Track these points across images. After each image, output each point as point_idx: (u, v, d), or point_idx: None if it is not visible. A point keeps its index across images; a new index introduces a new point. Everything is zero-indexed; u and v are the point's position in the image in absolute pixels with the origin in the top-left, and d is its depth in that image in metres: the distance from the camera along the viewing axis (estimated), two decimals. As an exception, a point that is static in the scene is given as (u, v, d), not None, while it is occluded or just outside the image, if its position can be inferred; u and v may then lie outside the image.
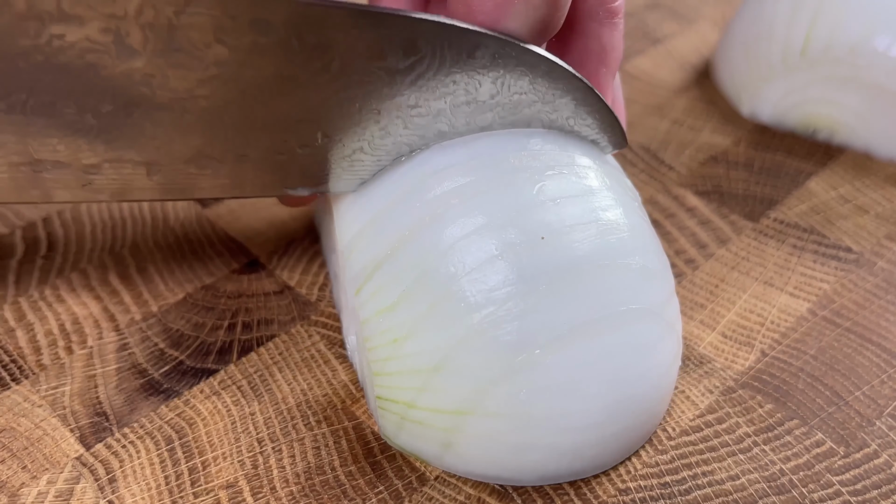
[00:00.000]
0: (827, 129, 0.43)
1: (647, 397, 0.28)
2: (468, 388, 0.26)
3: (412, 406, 0.27)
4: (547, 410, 0.26)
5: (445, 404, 0.27)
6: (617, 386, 0.27)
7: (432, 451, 0.28)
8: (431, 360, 0.26)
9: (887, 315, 0.34)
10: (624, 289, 0.27)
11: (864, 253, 0.37)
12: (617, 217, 0.28)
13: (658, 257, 0.29)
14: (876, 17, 0.40)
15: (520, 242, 0.26)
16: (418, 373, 0.27)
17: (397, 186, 0.28)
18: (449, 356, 0.26)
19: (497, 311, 0.26)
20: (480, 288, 0.26)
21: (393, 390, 0.27)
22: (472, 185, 0.27)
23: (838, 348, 0.33)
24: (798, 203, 0.40)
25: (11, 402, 0.30)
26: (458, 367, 0.26)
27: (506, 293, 0.26)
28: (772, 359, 0.33)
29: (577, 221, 0.27)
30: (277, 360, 0.32)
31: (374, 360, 0.28)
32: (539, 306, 0.26)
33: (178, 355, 0.32)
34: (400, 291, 0.27)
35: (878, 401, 0.31)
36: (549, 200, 0.27)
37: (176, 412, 0.30)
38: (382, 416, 0.28)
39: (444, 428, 0.27)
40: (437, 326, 0.26)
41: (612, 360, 0.27)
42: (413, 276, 0.27)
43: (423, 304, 0.27)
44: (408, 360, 0.27)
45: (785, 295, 0.35)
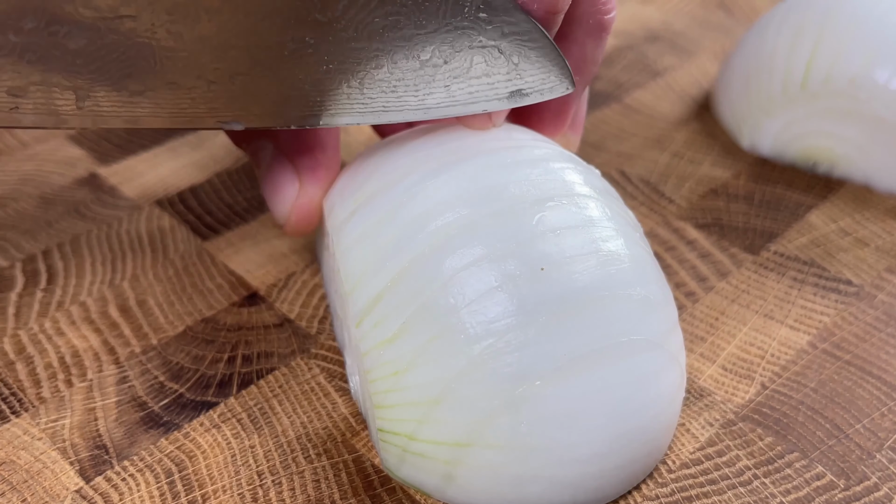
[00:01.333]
0: (827, 161, 0.44)
1: (649, 429, 0.28)
2: (469, 419, 0.27)
3: (413, 438, 0.27)
4: (548, 442, 0.26)
5: (446, 436, 0.27)
6: (619, 417, 0.27)
7: (434, 484, 0.28)
8: (432, 392, 0.27)
9: (887, 348, 0.35)
10: (625, 319, 0.27)
11: (865, 286, 0.38)
12: (618, 248, 0.28)
13: (660, 288, 0.29)
14: (876, 49, 0.41)
15: (520, 274, 0.27)
16: (419, 405, 0.27)
17: (400, 219, 0.29)
18: (449, 388, 0.27)
19: (497, 342, 0.26)
20: (480, 319, 0.26)
21: (394, 423, 0.28)
22: (472, 216, 0.28)
23: (838, 381, 0.33)
24: (798, 236, 0.40)
25: (11, 435, 0.31)
26: (458, 398, 0.26)
27: (505, 325, 0.26)
28: (772, 392, 0.33)
29: (578, 252, 0.28)
30: (277, 392, 0.33)
31: (375, 392, 0.28)
32: (539, 338, 0.26)
33: (177, 388, 0.33)
34: (400, 323, 0.27)
35: (879, 434, 0.31)
36: (548, 231, 0.28)
37: (176, 445, 0.31)
38: (384, 448, 0.29)
39: (446, 460, 0.27)
40: (437, 358, 0.27)
41: (614, 391, 0.27)
42: (413, 307, 0.27)
43: (423, 336, 0.27)
44: (408, 392, 0.27)
45: (785, 328, 0.36)
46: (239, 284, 0.37)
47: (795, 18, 0.44)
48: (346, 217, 0.31)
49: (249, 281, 0.37)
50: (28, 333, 0.35)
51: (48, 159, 0.44)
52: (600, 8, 0.33)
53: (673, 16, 0.59)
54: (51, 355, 0.34)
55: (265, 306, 0.36)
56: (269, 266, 0.38)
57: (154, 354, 0.34)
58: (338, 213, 0.31)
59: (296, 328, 0.35)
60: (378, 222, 0.29)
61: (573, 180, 0.30)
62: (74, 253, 0.38)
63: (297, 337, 0.35)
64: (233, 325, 0.35)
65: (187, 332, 0.35)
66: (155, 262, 0.38)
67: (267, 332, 0.35)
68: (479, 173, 0.29)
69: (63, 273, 0.37)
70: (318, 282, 0.37)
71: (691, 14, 0.60)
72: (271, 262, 0.38)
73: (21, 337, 0.35)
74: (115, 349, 0.34)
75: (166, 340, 0.35)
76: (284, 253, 0.39)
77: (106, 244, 0.39)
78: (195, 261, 0.38)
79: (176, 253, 0.39)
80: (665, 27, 0.58)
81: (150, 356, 0.34)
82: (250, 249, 0.39)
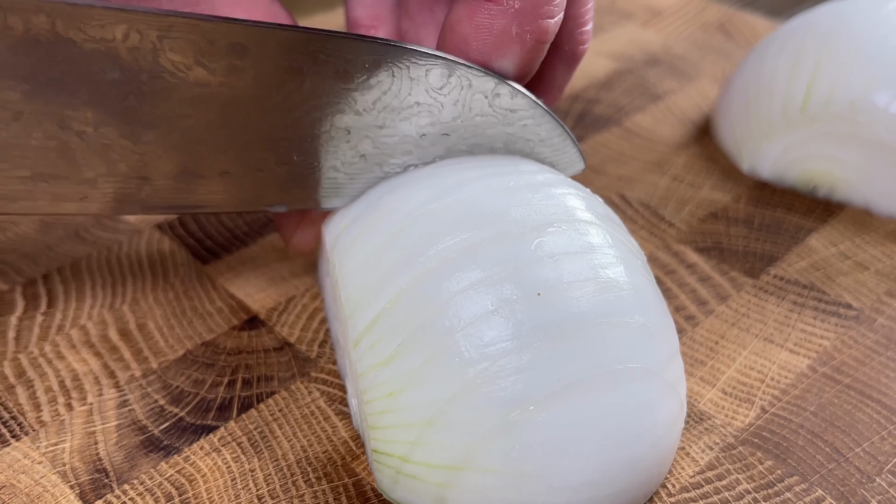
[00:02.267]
0: (827, 185, 0.44)
1: (644, 458, 0.28)
2: (462, 443, 0.27)
3: (406, 460, 0.28)
4: (540, 468, 0.27)
5: (439, 459, 0.27)
6: (613, 446, 0.27)
7: None
8: (425, 415, 0.27)
9: (887, 372, 0.35)
10: (622, 347, 0.27)
11: (865, 309, 0.38)
12: (617, 275, 0.28)
13: (660, 316, 0.29)
14: (876, 73, 0.41)
15: (517, 298, 0.27)
16: (413, 427, 0.27)
17: (400, 243, 0.29)
18: (443, 411, 0.27)
19: (491, 366, 0.26)
20: (475, 343, 0.27)
21: (388, 444, 0.28)
22: (471, 240, 0.28)
23: (838, 405, 0.34)
24: (798, 260, 0.41)
25: (11, 459, 0.31)
26: (451, 421, 0.27)
27: (501, 349, 0.26)
28: (772, 415, 0.33)
29: (576, 278, 0.28)
30: (277, 416, 0.33)
31: (370, 413, 0.28)
32: (534, 363, 0.26)
33: (178, 412, 0.33)
34: (396, 345, 0.28)
35: (879, 457, 0.32)
36: (547, 256, 0.28)
37: (176, 469, 0.31)
38: (379, 469, 0.29)
39: (438, 483, 0.27)
40: (432, 380, 0.27)
41: (609, 419, 0.27)
42: (409, 329, 0.28)
43: (419, 358, 0.27)
44: (403, 413, 0.27)
45: (785, 351, 0.36)
46: (239, 308, 0.38)
47: (795, 42, 0.45)
48: (348, 242, 0.31)
49: (249, 305, 0.38)
50: (28, 357, 0.35)
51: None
52: (577, 39, 0.35)
53: (673, 39, 0.60)
54: (51, 379, 0.34)
55: (265, 330, 0.37)
56: (270, 290, 0.39)
57: (154, 378, 0.34)
58: (340, 238, 0.32)
59: (296, 352, 0.36)
60: (379, 247, 0.30)
61: (574, 206, 0.30)
62: (74, 277, 0.39)
63: (297, 361, 0.35)
64: (233, 349, 0.36)
65: (187, 356, 0.35)
66: (155, 286, 0.39)
67: (267, 356, 0.35)
68: (480, 197, 0.30)
69: (63, 297, 0.38)
70: (318, 305, 0.38)
71: (691, 38, 0.60)
72: (271, 286, 0.39)
73: (21, 360, 0.35)
74: (116, 373, 0.34)
75: (166, 364, 0.35)
76: (284, 277, 0.39)
77: (106, 268, 0.39)
78: (195, 284, 0.39)
79: (176, 277, 0.39)
80: (665, 51, 0.59)
81: (151, 380, 0.34)
82: (250, 273, 0.39)
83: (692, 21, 0.63)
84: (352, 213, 0.32)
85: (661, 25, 0.62)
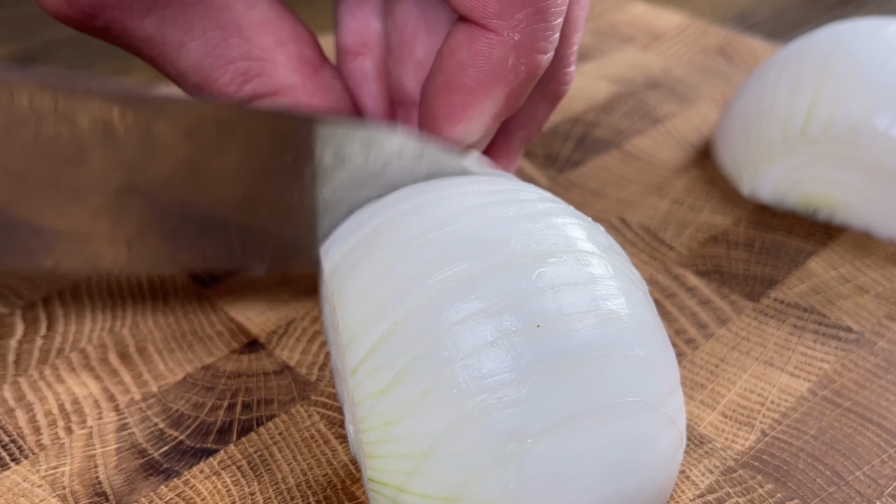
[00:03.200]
0: (827, 208, 0.45)
1: (643, 490, 0.28)
2: (458, 475, 0.27)
3: (402, 490, 0.28)
4: (537, 501, 0.26)
5: (435, 490, 0.27)
6: (610, 479, 0.27)
7: None
8: (422, 445, 0.27)
9: (888, 395, 0.35)
10: (622, 380, 0.27)
11: (865, 333, 0.38)
12: (618, 306, 0.28)
13: (661, 349, 0.29)
14: (876, 96, 0.42)
15: (516, 330, 0.27)
16: (409, 457, 0.27)
17: (399, 272, 0.29)
18: (439, 442, 0.27)
19: (489, 398, 0.26)
20: (474, 374, 0.27)
21: (384, 473, 0.28)
22: (471, 270, 0.28)
23: (839, 428, 0.34)
24: (798, 283, 0.41)
25: (11, 483, 0.31)
26: (448, 453, 0.27)
27: (499, 381, 0.26)
28: (772, 438, 0.34)
29: (576, 310, 0.28)
30: (277, 439, 0.33)
31: (366, 442, 0.28)
32: (532, 395, 0.26)
33: (177, 435, 0.33)
34: (394, 374, 0.28)
35: (879, 481, 0.32)
36: (547, 288, 0.28)
37: (176, 492, 0.31)
38: (374, 499, 0.29)
39: None
40: (429, 411, 0.27)
41: (606, 452, 0.27)
42: (407, 359, 0.28)
43: (416, 388, 0.27)
44: (399, 443, 0.27)
45: (785, 375, 0.36)
46: (239, 331, 0.38)
47: (795, 65, 0.45)
48: (346, 270, 0.31)
49: (249, 328, 0.38)
50: (28, 380, 0.35)
51: (48, 206, 0.45)
52: (561, 78, 0.37)
53: (673, 63, 0.61)
54: (50, 402, 0.34)
55: (265, 353, 0.37)
56: (270, 313, 0.39)
57: (154, 401, 0.35)
58: (338, 266, 0.32)
59: (296, 375, 0.36)
60: (378, 275, 0.30)
61: (576, 236, 0.30)
62: (74, 300, 0.39)
63: (297, 384, 0.36)
64: (233, 373, 0.36)
65: (187, 380, 0.36)
66: (155, 309, 0.39)
67: (267, 379, 0.36)
68: (480, 227, 0.30)
69: (63, 320, 0.38)
70: (318, 329, 0.38)
71: (691, 61, 0.61)
72: (271, 310, 0.39)
73: (21, 384, 0.35)
74: (115, 396, 0.35)
75: (166, 387, 0.35)
76: (285, 300, 0.40)
77: (106, 291, 0.40)
78: (195, 308, 0.39)
79: (176, 300, 0.39)
80: (665, 74, 0.59)
81: (150, 403, 0.35)
82: (251, 296, 0.40)
83: (692, 44, 0.64)
84: (351, 241, 0.32)
85: (662, 49, 0.63)
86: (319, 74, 0.35)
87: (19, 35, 0.60)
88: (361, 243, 0.32)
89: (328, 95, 0.35)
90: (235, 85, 0.34)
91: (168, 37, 0.32)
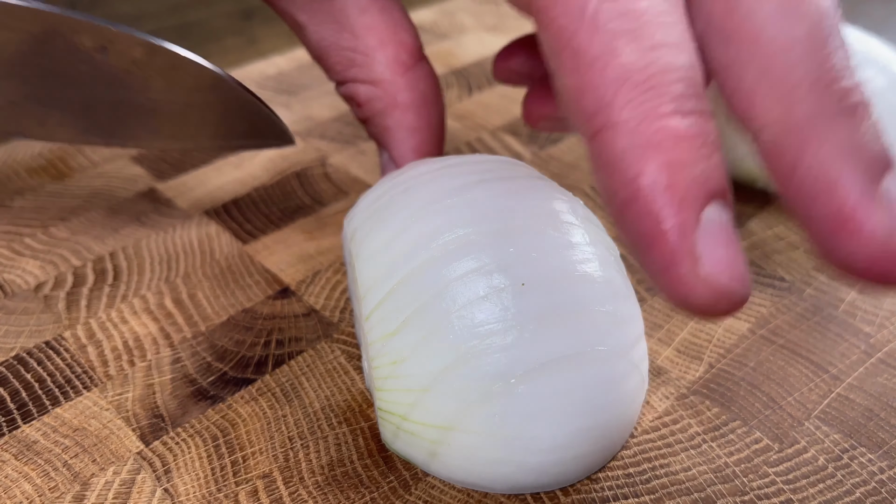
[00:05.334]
0: (764, 178, 0.44)
1: (608, 426, 0.28)
2: (451, 408, 0.26)
3: (405, 419, 0.27)
4: (518, 432, 0.26)
5: (432, 420, 0.27)
6: (581, 416, 0.27)
7: (421, 459, 0.28)
8: (422, 382, 0.27)
9: (814, 334, 0.35)
10: (593, 332, 0.27)
11: (795, 282, 0.38)
12: (592, 270, 0.28)
13: (628, 307, 0.29)
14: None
15: (504, 287, 0.26)
16: (411, 391, 0.27)
17: (408, 236, 0.29)
18: (437, 379, 0.26)
19: (479, 344, 0.26)
20: (467, 324, 0.26)
21: (390, 404, 0.28)
22: (470, 235, 0.28)
23: (773, 361, 0.33)
24: (741, 240, 0.40)
25: (83, 407, 0.31)
26: (444, 389, 0.26)
27: (488, 329, 0.26)
28: (718, 370, 0.33)
29: (556, 272, 0.27)
30: (305, 371, 0.33)
31: (377, 377, 0.28)
32: (516, 343, 0.26)
33: (222, 367, 0.33)
34: (400, 321, 0.27)
35: (807, 405, 0.32)
36: (533, 252, 0.27)
37: (220, 415, 0.31)
38: (382, 424, 0.29)
39: (431, 440, 0.27)
40: (429, 353, 0.27)
41: (578, 393, 0.26)
42: (412, 308, 0.27)
43: (419, 334, 0.27)
44: (403, 380, 0.27)
45: (729, 317, 0.36)
46: (273, 281, 0.37)
47: None
48: (363, 234, 0.30)
49: (282, 278, 0.37)
50: (97, 322, 0.35)
51: (115, 176, 0.44)
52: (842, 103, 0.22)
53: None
54: (116, 340, 0.34)
55: (295, 299, 0.36)
56: (299, 265, 0.38)
57: (202, 339, 0.34)
58: (357, 230, 0.31)
59: (321, 317, 0.35)
60: (390, 238, 0.29)
61: (560, 209, 0.29)
62: (136, 254, 0.39)
63: (321, 324, 0.35)
64: (268, 315, 0.35)
65: (230, 321, 0.35)
66: (203, 263, 0.38)
67: (297, 321, 0.35)
68: (480, 200, 0.29)
69: (126, 271, 0.38)
70: (340, 278, 0.37)
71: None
72: (301, 262, 0.38)
73: (91, 325, 0.35)
74: (170, 335, 0.34)
75: (213, 327, 0.35)
76: (311, 255, 0.39)
77: (163, 247, 0.39)
78: (237, 261, 0.38)
79: (221, 254, 0.39)
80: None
81: (199, 340, 0.34)
82: (283, 251, 0.39)
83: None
84: (369, 210, 0.32)
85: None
86: (409, 74, 0.35)
87: None
88: (378, 211, 0.31)
89: (410, 93, 0.35)
90: (342, 66, 0.35)
91: (296, 16, 0.34)
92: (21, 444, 0.30)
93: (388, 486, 0.28)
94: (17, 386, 0.32)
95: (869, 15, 0.66)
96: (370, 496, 0.28)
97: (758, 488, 0.29)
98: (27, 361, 0.33)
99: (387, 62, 0.34)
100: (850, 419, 0.31)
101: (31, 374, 0.32)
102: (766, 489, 0.29)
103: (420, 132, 0.35)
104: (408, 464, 0.29)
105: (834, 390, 0.32)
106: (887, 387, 0.32)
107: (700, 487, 0.29)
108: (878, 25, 0.62)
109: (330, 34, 0.34)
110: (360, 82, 0.35)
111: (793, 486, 0.29)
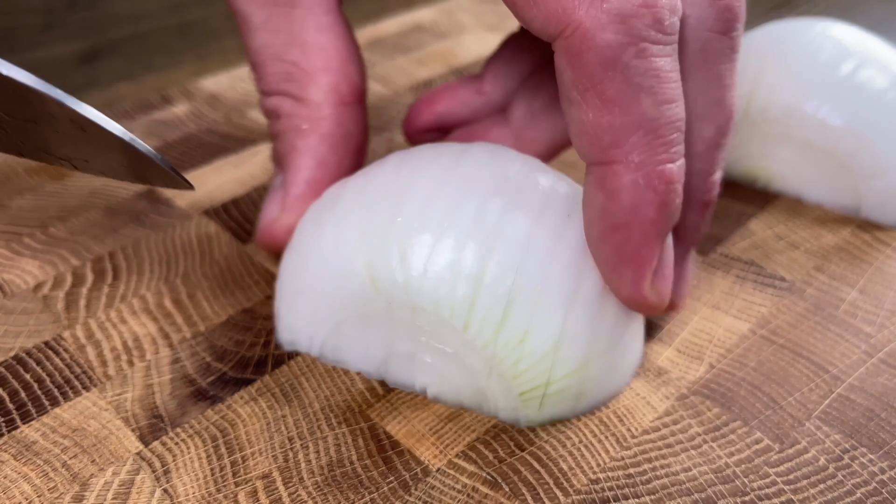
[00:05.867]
0: (765, 178, 0.44)
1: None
2: (583, 342, 0.29)
3: (550, 383, 0.29)
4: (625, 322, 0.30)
5: (572, 365, 0.29)
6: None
7: (568, 408, 0.30)
8: (552, 341, 0.28)
9: (815, 334, 0.35)
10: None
11: (796, 282, 0.38)
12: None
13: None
14: (805, 84, 0.41)
15: (562, 231, 0.29)
16: (546, 356, 0.28)
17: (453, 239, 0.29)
18: (563, 331, 0.28)
19: (574, 284, 0.29)
20: (559, 277, 0.28)
21: (532, 380, 0.29)
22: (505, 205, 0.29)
23: (774, 361, 0.33)
24: (741, 240, 0.40)
25: (82, 407, 0.31)
26: (570, 334, 0.28)
27: (573, 269, 0.29)
28: (718, 370, 0.33)
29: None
30: (305, 371, 0.33)
31: (506, 370, 0.29)
32: (592, 265, 0.29)
33: (222, 367, 0.33)
34: (503, 306, 0.28)
35: (807, 405, 0.31)
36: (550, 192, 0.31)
37: (220, 415, 0.31)
38: (524, 407, 0.30)
39: (578, 382, 0.29)
40: (545, 316, 0.28)
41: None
42: (505, 289, 0.28)
43: (527, 306, 0.28)
44: (534, 351, 0.28)
45: (729, 317, 0.36)
46: (273, 280, 0.37)
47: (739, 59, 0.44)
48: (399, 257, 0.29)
49: (282, 278, 0.37)
50: (96, 322, 0.35)
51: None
52: (704, 195, 0.30)
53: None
54: (115, 340, 0.34)
55: (295, 299, 0.36)
56: (298, 265, 0.38)
57: (202, 339, 0.34)
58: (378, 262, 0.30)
59: (320, 317, 0.35)
60: (431, 245, 0.29)
61: (551, 180, 0.31)
62: (135, 254, 0.38)
63: (321, 324, 0.35)
64: (268, 315, 0.35)
65: (230, 321, 0.35)
66: (203, 262, 0.38)
67: (296, 321, 0.35)
68: (512, 179, 0.30)
69: (126, 271, 0.37)
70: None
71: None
72: (300, 262, 0.38)
73: (90, 325, 0.35)
74: (170, 335, 0.34)
75: (212, 327, 0.35)
76: (311, 254, 0.39)
77: (162, 247, 0.39)
78: (236, 261, 0.38)
79: (220, 254, 0.39)
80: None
81: (199, 340, 0.34)
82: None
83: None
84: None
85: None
86: (341, 108, 0.34)
87: (88, 34, 0.58)
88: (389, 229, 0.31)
89: (336, 126, 0.34)
90: (278, 78, 0.34)
91: (250, 16, 0.33)
92: (20, 445, 0.30)
93: (387, 486, 0.28)
94: (16, 386, 0.32)
95: (869, 15, 0.65)
96: (370, 497, 0.28)
97: (758, 489, 0.28)
98: (26, 362, 0.33)
99: (325, 88, 0.33)
100: (850, 419, 0.31)
101: (30, 375, 0.32)
102: (766, 489, 0.28)
103: (326, 168, 0.34)
104: (408, 465, 0.29)
105: (835, 390, 0.32)
106: (888, 387, 0.32)
107: (700, 488, 0.28)
108: (878, 25, 0.62)
109: (278, 43, 0.33)
110: (290, 97, 0.34)
111: (793, 487, 0.29)
